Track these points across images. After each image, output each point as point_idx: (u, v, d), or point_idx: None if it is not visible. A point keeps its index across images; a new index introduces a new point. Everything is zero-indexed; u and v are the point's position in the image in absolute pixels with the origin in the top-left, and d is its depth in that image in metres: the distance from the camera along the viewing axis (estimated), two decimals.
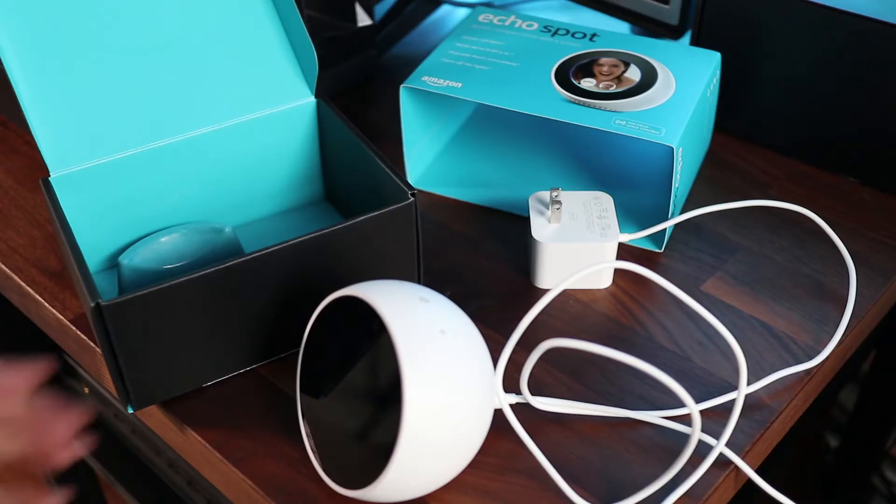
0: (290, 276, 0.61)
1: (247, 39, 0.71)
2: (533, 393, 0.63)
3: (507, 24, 0.82)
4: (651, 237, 0.74)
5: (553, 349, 0.66)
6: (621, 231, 0.73)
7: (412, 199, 0.63)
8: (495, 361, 0.65)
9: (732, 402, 0.62)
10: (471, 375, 0.52)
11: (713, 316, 0.66)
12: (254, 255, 0.59)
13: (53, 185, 0.65)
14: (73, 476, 1.11)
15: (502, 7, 1.07)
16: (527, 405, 0.62)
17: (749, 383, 0.64)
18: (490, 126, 0.87)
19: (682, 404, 0.62)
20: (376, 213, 0.62)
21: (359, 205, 0.71)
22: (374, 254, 0.64)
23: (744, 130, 0.85)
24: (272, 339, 0.65)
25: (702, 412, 0.62)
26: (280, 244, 0.60)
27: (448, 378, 0.50)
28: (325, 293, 0.64)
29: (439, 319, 0.52)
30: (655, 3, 0.90)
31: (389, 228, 0.63)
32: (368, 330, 0.53)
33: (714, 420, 0.61)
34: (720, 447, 0.58)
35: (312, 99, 0.73)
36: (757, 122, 0.84)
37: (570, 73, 0.76)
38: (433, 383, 0.50)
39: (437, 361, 0.50)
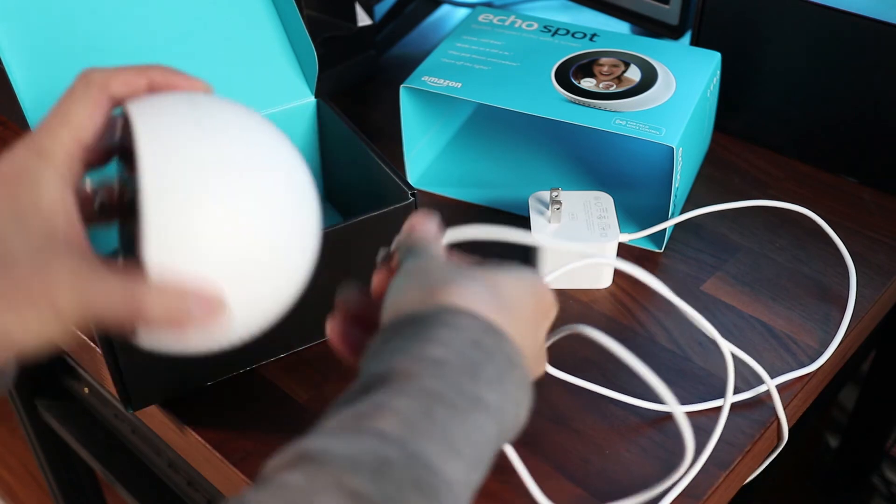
0: None
1: (247, 40, 0.71)
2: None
3: (507, 24, 0.82)
4: (651, 237, 0.74)
5: (551, 348, 0.66)
6: (621, 231, 0.73)
7: (412, 198, 0.63)
8: None
9: (739, 401, 0.62)
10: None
11: (703, 318, 0.66)
12: None
13: None
14: (74, 476, 1.11)
15: (502, 7, 1.07)
16: None
17: (749, 383, 0.64)
18: (490, 126, 0.87)
19: (684, 402, 0.62)
20: (376, 212, 0.62)
21: (358, 204, 0.71)
22: (375, 254, 0.64)
23: (744, 130, 0.85)
24: (272, 339, 0.65)
25: (702, 412, 0.62)
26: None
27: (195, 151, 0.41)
28: (325, 293, 0.64)
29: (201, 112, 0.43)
30: (655, 3, 0.90)
31: (389, 228, 0.63)
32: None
33: (713, 419, 0.61)
34: (712, 447, 0.58)
35: (312, 99, 0.73)
36: (757, 122, 0.84)
37: (570, 73, 0.76)
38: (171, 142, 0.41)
39: (183, 134, 0.41)
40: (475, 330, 0.40)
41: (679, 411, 0.49)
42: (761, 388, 0.63)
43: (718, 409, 0.62)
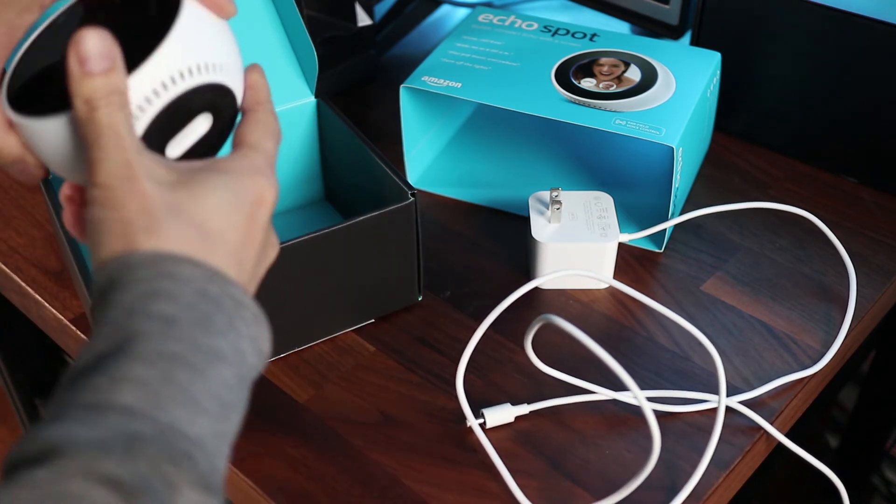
0: (290, 276, 0.61)
1: (247, 40, 0.71)
2: (533, 395, 0.63)
3: (507, 24, 0.82)
4: (651, 237, 0.74)
5: (552, 349, 0.66)
6: (621, 231, 0.73)
7: (412, 199, 0.63)
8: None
9: (744, 401, 0.62)
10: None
11: (691, 324, 0.66)
12: None
13: (54, 185, 0.65)
14: None
15: (502, 7, 1.07)
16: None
17: (750, 384, 0.64)
18: (490, 126, 0.87)
19: (685, 402, 0.62)
20: (376, 213, 0.62)
21: (358, 205, 0.71)
22: (374, 253, 0.64)
23: (744, 130, 0.85)
24: (272, 339, 0.65)
25: (702, 412, 0.62)
26: (280, 244, 0.60)
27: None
28: (324, 293, 0.65)
29: None
30: (655, 3, 0.90)
31: (389, 228, 0.63)
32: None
33: (712, 419, 0.61)
34: (713, 448, 0.58)
35: (312, 99, 0.73)
36: (757, 122, 0.84)
37: (570, 73, 0.76)
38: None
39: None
40: (199, 279, 0.38)
41: (644, 400, 0.48)
42: (762, 389, 0.63)
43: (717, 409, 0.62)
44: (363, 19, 0.91)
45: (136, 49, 0.47)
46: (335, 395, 0.63)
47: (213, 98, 0.49)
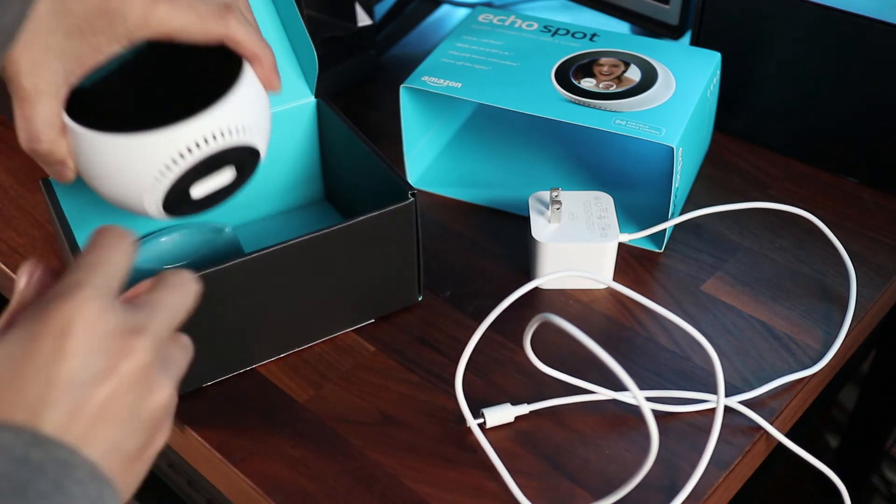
0: (291, 277, 0.61)
1: None
2: (533, 395, 0.63)
3: (507, 24, 0.82)
4: (651, 237, 0.74)
5: (552, 349, 0.66)
6: (621, 231, 0.73)
7: (412, 198, 0.63)
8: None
9: (744, 400, 0.62)
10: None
11: (690, 325, 0.66)
12: (254, 256, 0.59)
13: (54, 185, 0.65)
14: None
15: (502, 7, 1.07)
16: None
17: (750, 384, 0.64)
18: (490, 126, 0.87)
19: (684, 402, 0.62)
20: (376, 213, 0.62)
21: (358, 205, 0.71)
22: (374, 253, 0.64)
23: (744, 130, 0.85)
24: (272, 339, 0.65)
25: (702, 412, 0.62)
26: (280, 244, 0.60)
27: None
28: (324, 293, 0.65)
29: None
30: (655, 3, 0.90)
31: (389, 228, 0.63)
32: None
33: (711, 419, 0.61)
34: (712, 448, 0.58)
35: (312, 99, 0.73)
36: (757, 122, 0.84)
37: (570, 73, 0.76)
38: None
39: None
40: (19, 446, 0.36)
41: (643, 400, 0.48)
42: (762, 389, 0.63)
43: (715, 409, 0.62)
44: (363, 19, 0.91)
45: (196, 98, 0.54)
46: (335, 395, 0.63)
47: (244, 156, 0.56)
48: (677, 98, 0.73)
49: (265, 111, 0.57)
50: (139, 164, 0.52)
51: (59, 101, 0.53)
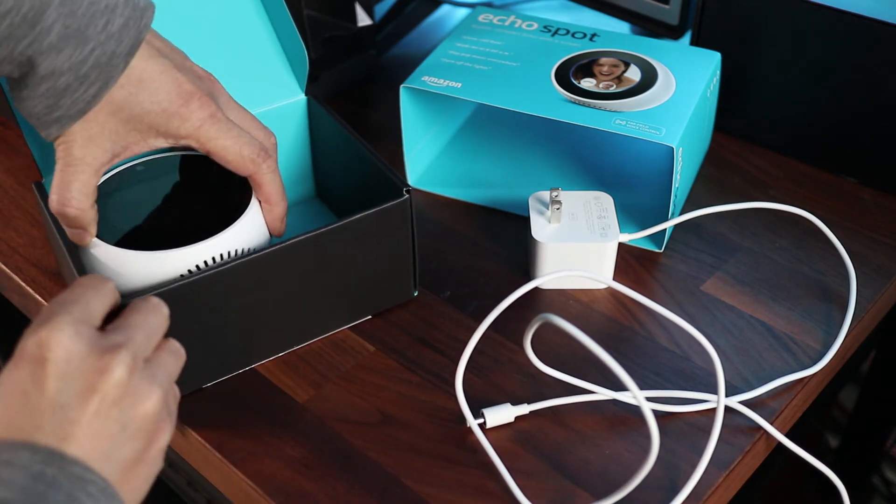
0: (286, 276, 0.61)
1: (236, 38, 0.71)
2: (533, 395, 0.63)
3: (507, 24, 0.82)
4: (651, 237, 0.74)
5: (552, 349, 0.66)
6: (621, 231, 0.73)
7: (407, 196, 0.63)
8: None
9: (744, 400, 0.62)
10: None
11: (690, 325, 0.66)
12: (253, 256, 0.59)
13: (47, 188, 0.65)
14: None
15: (502, 7, 1.07)
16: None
17: (750, 384, 0.64)
18: (490, 126, 0.87)
19: (685, 402, 0.62)
20: (372, 210, 0.62)
21: (350, 202, 0.71)
22: (370, 252, 0.64)
23: (744, 130, 0.85)
24: (270, 338, 0.65)
25: (701, 412, 0.62)
26: (275, 245, 0.60)
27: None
28: (320, 292, 0.65)
29: None
30: (655, 3, 0.90)
31: (385, 226, 0.63)
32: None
33: (712, 419, 0.61)
34: (712, 448, 0.58)
35: (303, 97, 0.73)
36: (757, 122, 0.84)
37: (570, 73, 0.76)
38: None
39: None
40: (35, 463, 0.38)
41: (643, 400, 0.48)
42: (761, 389, 0.63)
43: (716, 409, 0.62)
44: (363, 19, 0.91)
45: (212, 213, 0.62)
46: (335, 394, 0.63)
47: None
48: (677, 98, 0.73)
49: (264, 238, 0.63)
50: (151, 275, 0.58)
51: (98, 176, 0.57)
